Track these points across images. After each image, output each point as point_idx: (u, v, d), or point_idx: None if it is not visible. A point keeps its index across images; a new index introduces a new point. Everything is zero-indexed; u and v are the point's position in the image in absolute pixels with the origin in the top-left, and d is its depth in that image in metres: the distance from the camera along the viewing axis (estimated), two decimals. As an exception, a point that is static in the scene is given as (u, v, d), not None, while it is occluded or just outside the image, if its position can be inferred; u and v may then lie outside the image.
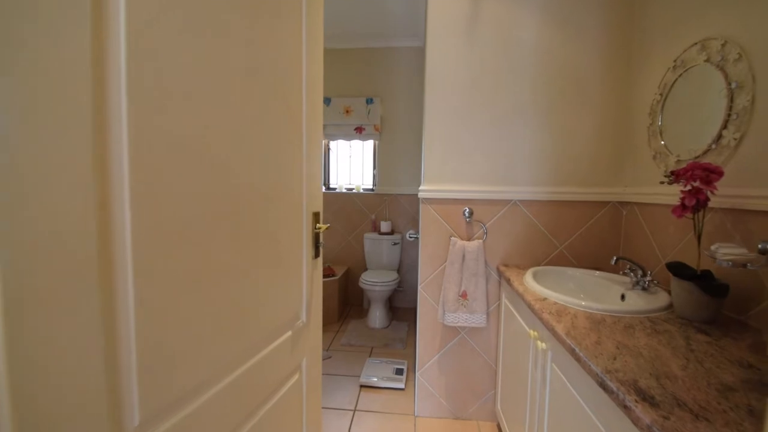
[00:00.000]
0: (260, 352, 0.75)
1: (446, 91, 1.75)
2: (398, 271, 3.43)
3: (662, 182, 1.17)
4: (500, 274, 1.73)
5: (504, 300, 1.70)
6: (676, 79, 1.39)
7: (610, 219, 1.74)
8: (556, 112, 1.72)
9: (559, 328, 1.00)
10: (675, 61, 1.40)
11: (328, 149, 3.66)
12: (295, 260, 0.88)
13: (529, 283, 1.41)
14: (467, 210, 1.76)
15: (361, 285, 2.98)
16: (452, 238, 1.76)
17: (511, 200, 1.76)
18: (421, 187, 1.81)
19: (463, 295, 1.71)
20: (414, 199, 3.43)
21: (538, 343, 1.18)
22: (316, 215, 0.99)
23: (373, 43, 3.38)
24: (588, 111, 1.72)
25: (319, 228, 1.00)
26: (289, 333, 0.87)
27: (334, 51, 3.44)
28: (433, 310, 1.83)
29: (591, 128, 1.72)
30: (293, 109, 0.85)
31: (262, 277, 0.74)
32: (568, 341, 0.93)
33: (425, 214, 1.82)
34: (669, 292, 1.21)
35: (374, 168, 3.59)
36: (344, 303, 3.46)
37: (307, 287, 0.94)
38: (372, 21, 3.04)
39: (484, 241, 1.73)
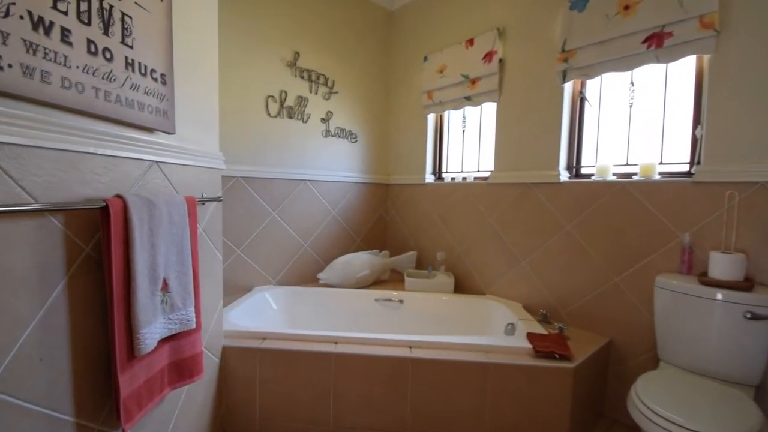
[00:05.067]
0: None
1: None
2: (758, 389, 1.33)
3: None
4: None
5: None
6: None
7: None
8: None
9: None
10: None
11: (582, 96, 1.89)
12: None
13: None
14: None
15: (643, 423, 1.18)
16: None
17: None
18: None
19: None
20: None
21: None
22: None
23: None
24: None
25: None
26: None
27: None
28: None
29: None
30: None
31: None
32: None
33: None
34: None
35: (695, 127, 1.55)
36: (592, 413, 1.69)
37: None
38: None
39: None
